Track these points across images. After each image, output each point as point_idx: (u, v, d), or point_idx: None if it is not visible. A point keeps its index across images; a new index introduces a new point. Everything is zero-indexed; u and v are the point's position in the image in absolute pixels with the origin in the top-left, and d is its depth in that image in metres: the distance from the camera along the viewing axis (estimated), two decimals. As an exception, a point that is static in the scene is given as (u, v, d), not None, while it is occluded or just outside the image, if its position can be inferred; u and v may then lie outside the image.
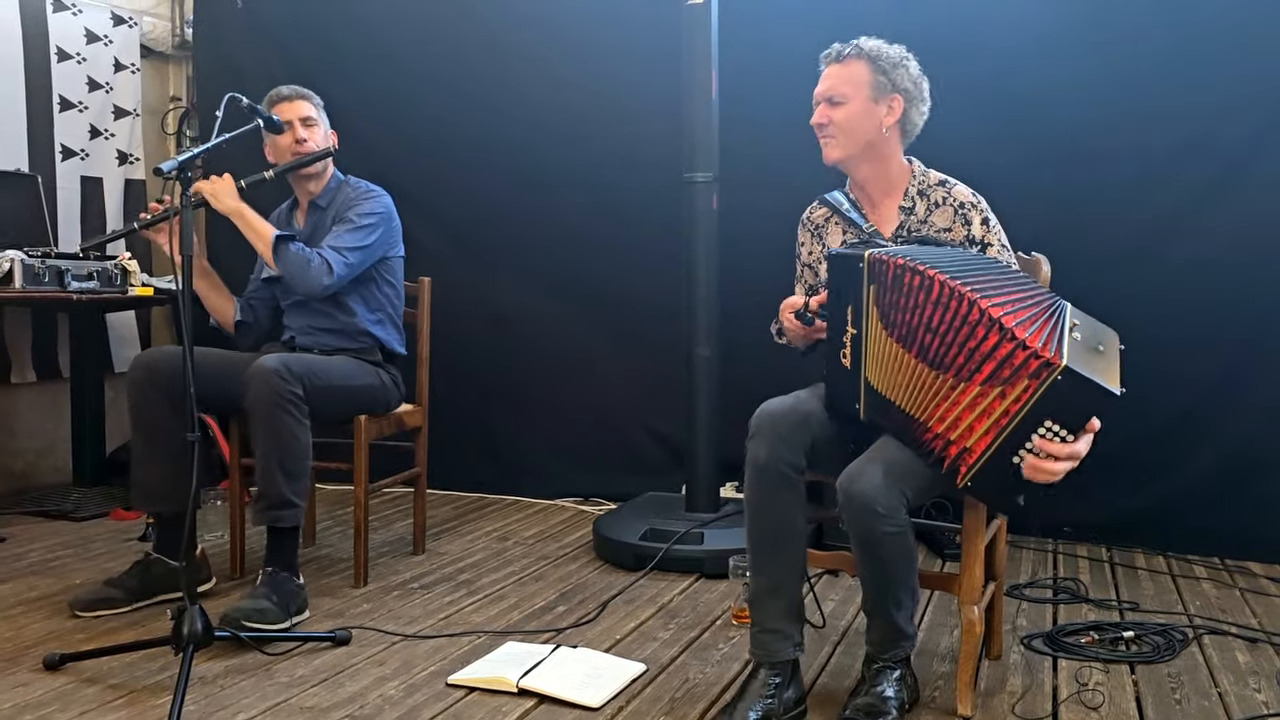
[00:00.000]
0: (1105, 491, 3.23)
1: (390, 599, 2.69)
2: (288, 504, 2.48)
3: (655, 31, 3.50)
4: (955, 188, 2.13)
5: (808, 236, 2.28)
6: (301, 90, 2.84)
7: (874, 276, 1.88)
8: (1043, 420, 1.72)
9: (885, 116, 2.09)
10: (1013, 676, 2.21)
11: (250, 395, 2.47)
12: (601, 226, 3.79)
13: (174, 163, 2.14)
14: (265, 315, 2.93)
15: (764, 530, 1.97)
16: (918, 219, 2.12)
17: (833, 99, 2.11)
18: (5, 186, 3.61)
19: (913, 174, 2.16)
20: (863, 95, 2.09)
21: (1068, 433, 1.72)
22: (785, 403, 1.98)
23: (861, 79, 2.09)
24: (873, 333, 1.89)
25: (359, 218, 2.76)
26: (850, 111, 2.09)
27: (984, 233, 2.08)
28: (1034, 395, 1.70)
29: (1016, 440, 1.75)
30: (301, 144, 2.77)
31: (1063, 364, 1.67)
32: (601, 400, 3.89)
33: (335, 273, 2.67)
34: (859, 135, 2.10)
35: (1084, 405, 1.71)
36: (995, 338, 1.73)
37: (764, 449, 1.92)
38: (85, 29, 4.02)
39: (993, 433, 1.76)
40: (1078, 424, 1.72)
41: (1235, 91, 3.05)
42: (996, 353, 1.73)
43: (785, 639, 1.97)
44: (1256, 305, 3.08)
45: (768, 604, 1.98)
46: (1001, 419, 1.74)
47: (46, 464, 4.03)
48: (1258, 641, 2.44)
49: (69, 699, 2.04)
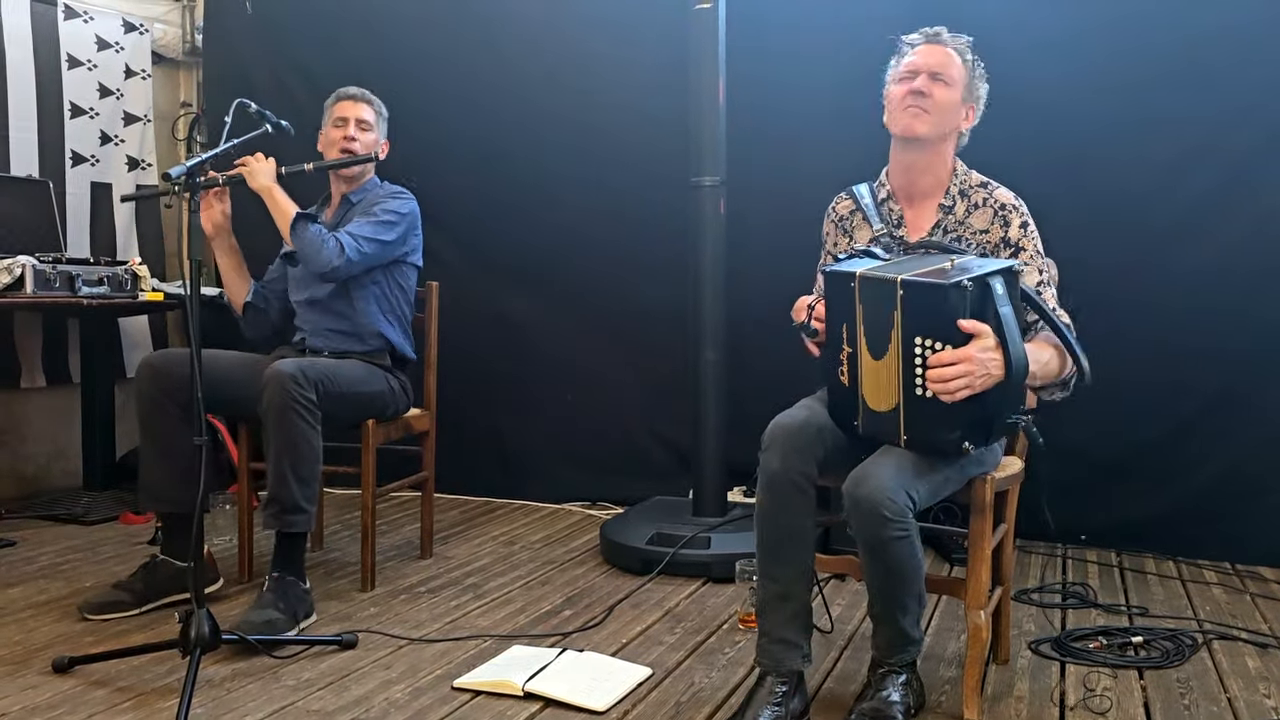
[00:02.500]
0: (1115, 497, 3.23)
1: (397, 603, 2.70)
2: (299, 509, 2.49)
3: (662, 36, 3.51)
4: (997, 190, 2.12)
5: (832, 228, 2.26)
6: (368, 95, 2.94)
7: (863, 296, 1.87)
8: (913, 340, 1.79)
9: (964, 121, 2.12)
10: (1020, 681, 2.20)
11: (265, 399, 2.48)
12: (609, 231, 3.80)
13: (182, 168, 2.16)
14: (276, 306, 2.95)
15: (774, 536, 1.96)
16: (956, 219, 2.10)
17: (939, 75, 2.06)
18: (16, 192, 3.64)
19: (955, 173, 2.15)
20: (959, 91, 2.09)
21: (943, 344, 1.76)
22: (798, 416, 1.97)
23: (962, 76, 2.09)
24: (862, 352, 1.89)
25: (382, 212, 2.82)
26: (951, 97, 2.07)
27: (1020, 236, 2.06)
28: (898, 323, 1.79)
29: (909, 372, 1.80)
30: (350, 143, 2.85)
31: (898, 278, 1.77)
32: (608, 404, 3.89)
33: (347, 255, 2.70)
34: (946, 123, 2.08)
35: (932, 309, 1.76)
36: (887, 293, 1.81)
37: (777, 459, 1.92)
38: (96, 36, 4.04)
39: (897, 377, 1.81)
40: (943, 329, 1.76)
41: (1240, 101, 3.05)
42: (889, 307, 1.81)
43: (793, 649, 1.97)
44: (1265, 312, 3.07)
45: (776, 611, 1.97)
46: (894, 361, 1.81)
47: (57, 468, 4.05)
48: (1268, 647, 2.43)
49: (77, 701, 2.04)
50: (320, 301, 2.85)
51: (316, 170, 2.80)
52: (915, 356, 1.79)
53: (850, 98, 2.90)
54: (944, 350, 1.76)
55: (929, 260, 1.93)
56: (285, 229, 2.72)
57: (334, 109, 2.91)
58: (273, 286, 2.96)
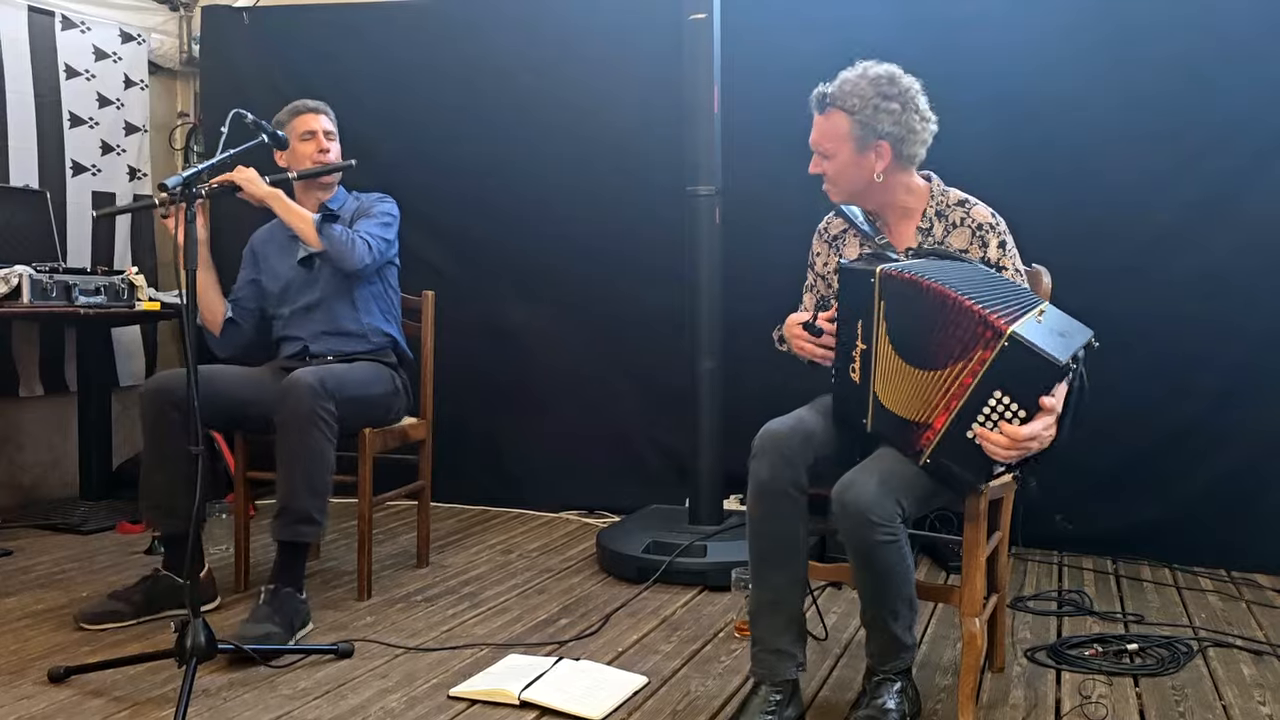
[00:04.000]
0: (1111, 504, 3.23)
1: (393, 611, 2.69)
2: (311, 520, 2.50)
3: (658, 46, 3.52)
4: (975, 208, 2.10)
5: (823, 247, 2.25)
6: (323, 105, 2.96)
7: (885, 292, 1.89)
8: (993, 391, 1.75)
9: (875, 163, 2.04)
10: (1015, 689, 2.20)
11: (287, 409, 2.49)
12: (605, 240, 3.81)
13: (178, 179, 2.16)
14: (250, 322, 2.95)
15: (765, 544, 1.97)
16: (935, 240, 2.10)
17: (820, 149, 2.09)
18: (14, 202, 3.64)
19: (931, 194, 2.12)
20: (848, 148, 2.04)
21: (1019, 407, 1.74)
22: (787, 423, 1.98)
23: (842, 132, 2.04)
24: (881, 348, 1.90)
25: (381, 215, 2.89)
26: (839, 164, 2.07)
27: (999, 255, 2.06)
28: (985, 366, 1.75)
29: (969, 412, 1.78)
30: (324, 154, 2.88)
31: (1009, 330, 1.72)
32: (605, 413, 3.89)
33: (373, 253, 2.78)
34: (853, 183, 2.09)
35: (1032, 376, 1.73)
36: (966, 320, 1.77)
37: (766, 468, 1.93)
38: (94, 46, 4.05)
39: (951, 407, 1.79)
40: (1028, 397, 1.74)
41: (1236, 109, 3.07)
42: (962, 333, 1.77)
43: (788, 659, 1.97)
44: (1261, 319, 3.08)
45: (769, 619, 1.98)
46: (958, 392, 1.78)
47: (53, 477, 4.04)
48: (1263, 654, 2.43)
49: (73, 711, 2.04)
50: (318, 307, 2.86)
51: (301, 178, 2.82)
52: (986, 406, 1.76)
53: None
54: (1016, 421, 1.75)
55: (959, 269, 1.94)
56: (308, 231, 2.73)
57: (296, 123, 2.86)
58: (244, 304, 2.94)
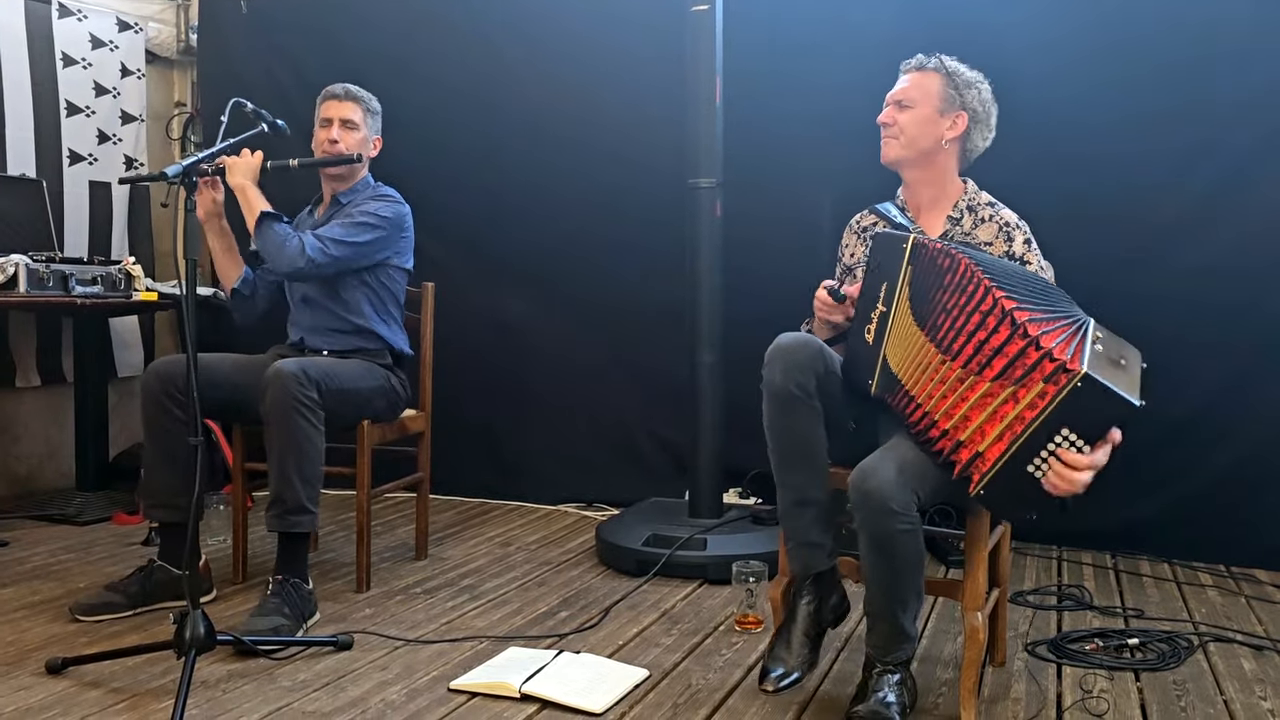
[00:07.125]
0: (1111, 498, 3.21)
1: (393, 604, 2.69)
2: (304, 510, 2.48)
3: (659, 37, 3.51)
4: (1002, 210, 2.20)
5: (853, 239, 2.34)
6: (356, 93, 2.88)
7: (914, 258, 1.94)
8: (1059, 429, 1.70)
9: (948, 130, 2.16)
10: (1016, 684, 2.20)
11: (268, 399, 2.47)
12: (605, 232, 3.80)
13: (179, 167, 2.15)
14: (264, 294, 2.92)
15: (784, 446, 2.04)
16: (963, 230, 2.17)
17: (902, 102, 2.18)
18: (11, 191, 3.62)
19: (965, 191, 2.22)
20: (932, 105, 2.16)
21: (1084, 443, 1.71)
22: (799, 336, 2.07)
23: (933, 89, 2.16)
24: (900, 312, 1.94)
25: (358, 214, 2.79)
26: (915, 116, 2.16)
27: (1024, 250, 2.14)
28: (1052, 402, 1.68)
29: (1031, 449, 1.72)
30: (334, 144, 2.83)
31: (1082, 370, 1.65)
32: (605, 406, 3.89)
33: (308, 256, 2.66)
34: (919, 142, 2.17)
35: (1103, 415, 1.69)
36: (1006, 332, 1.74)
37: (778, 373, 2.00)
38: (90, 34, 4.03)
39: (1006, 439, 1.74)
40: (1095, 434, 1.71)
41: (1242, 96, 3.05)
42: (1007, 349, 1.74)
43: (818, 549, 2.06)
44: (1265, 311, 3.07)
45: (798, 516, 2.06)
46: (1015, 424, 1.73)
47: (50, 468, 4.03)
48: (1263, 649, 2.43)
49: (71, 703, 2.03)
50: (315, 300, 2.85)
51: (303, 167, 2.75)
52: (1050, 443, 1.71)
53: (847, 99, 2.91)
54: (1078, 454, 1.70)
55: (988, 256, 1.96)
56: (250, 226, 2.70)
57: (320, 109, 2.88)
58: (264, 277, 2.91)
